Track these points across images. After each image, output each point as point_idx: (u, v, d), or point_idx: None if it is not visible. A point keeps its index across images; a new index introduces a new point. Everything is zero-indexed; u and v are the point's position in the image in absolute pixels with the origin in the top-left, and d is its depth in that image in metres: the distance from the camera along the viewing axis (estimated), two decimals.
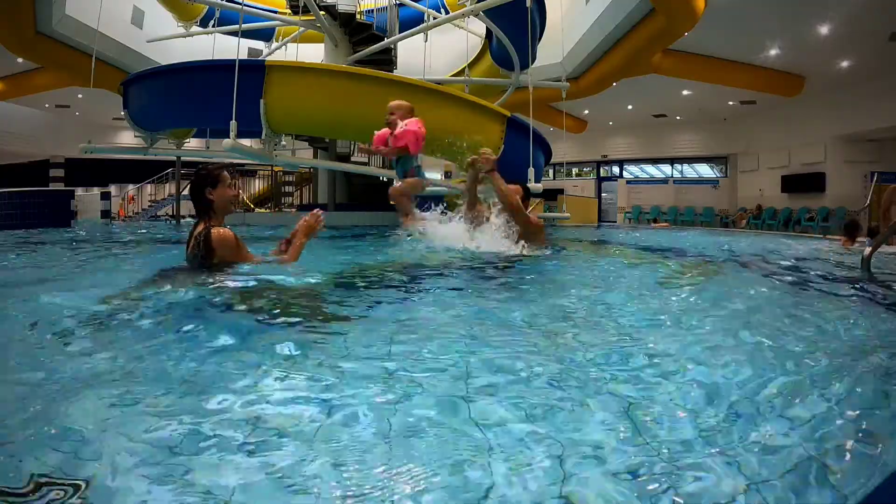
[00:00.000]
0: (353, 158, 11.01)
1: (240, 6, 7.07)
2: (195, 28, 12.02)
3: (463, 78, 10.82)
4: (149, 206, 18.80)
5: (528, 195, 3.71)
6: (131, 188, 19.80)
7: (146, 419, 1.00)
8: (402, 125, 3.91)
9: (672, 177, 21.02)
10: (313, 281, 2.42)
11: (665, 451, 0.89)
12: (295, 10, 10.09)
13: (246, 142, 7.98)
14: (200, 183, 2.53)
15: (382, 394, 1.11)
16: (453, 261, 3.11)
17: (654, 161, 21.41)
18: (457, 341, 1.47)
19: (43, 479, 0.81)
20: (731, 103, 16.06)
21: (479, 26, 11.13)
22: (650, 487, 0.79)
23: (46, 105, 17.76)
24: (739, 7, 10.04)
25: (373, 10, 10.17)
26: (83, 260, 3.93)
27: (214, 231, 2.42)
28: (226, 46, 10.36)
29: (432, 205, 3.89)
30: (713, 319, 1.85)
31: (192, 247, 2.48)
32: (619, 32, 10.91)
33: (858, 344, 1.55)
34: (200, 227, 2.48)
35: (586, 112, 17.78)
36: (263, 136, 6.06)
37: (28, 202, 10.27)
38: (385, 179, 12.29)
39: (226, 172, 2.56)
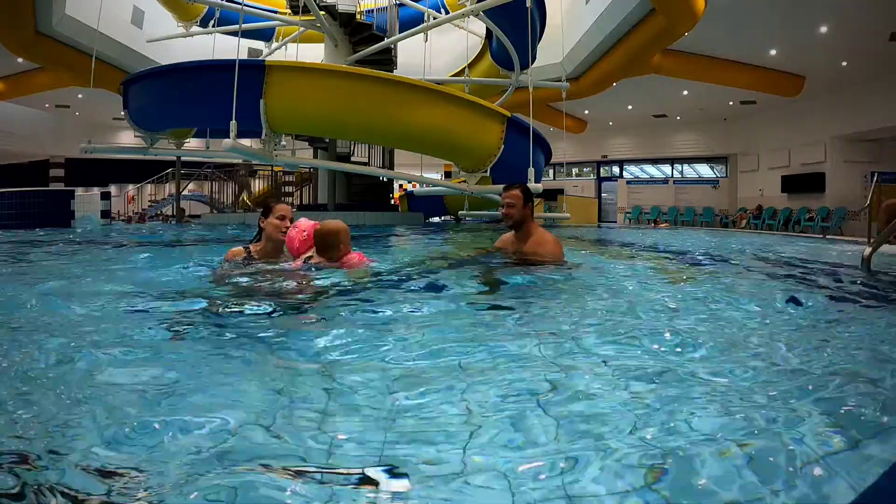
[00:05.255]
0: (353, 158, 11.03)
1: (240, 6, 7.09)
2: (195, 28, 12.02)
3: (463, 78, 10.83)
4: (149, 206, 18.80)
5: (529, 198, 3.13)
6: (131, 188, 19.80)
7: None
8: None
9: (672, 177, 21.02)
10: None
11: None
12: (295, 10, 10.09)
13: (246, 142, 7.99)
14: None
15: None
16: None
17: (654, 161, 21.41)
18: None
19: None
20: (731, 103, 16.06)
21: (479, 26, 11.12)
22: None
23: (46, 105, 17.76)
24: (739, 7, 10.04)
25: (373, 10, 10.17)
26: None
27: None
28: (226, 46, 10.36)
29: None
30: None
31: None
32: (619, 32, 10.91)
33: None
34: None
35: (586, 112, 17.77)
36: (263, 136, 6.07)
37: (28, 202, 10.27)
38: (384, 179, 12.33)
39: None
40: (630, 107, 17.24)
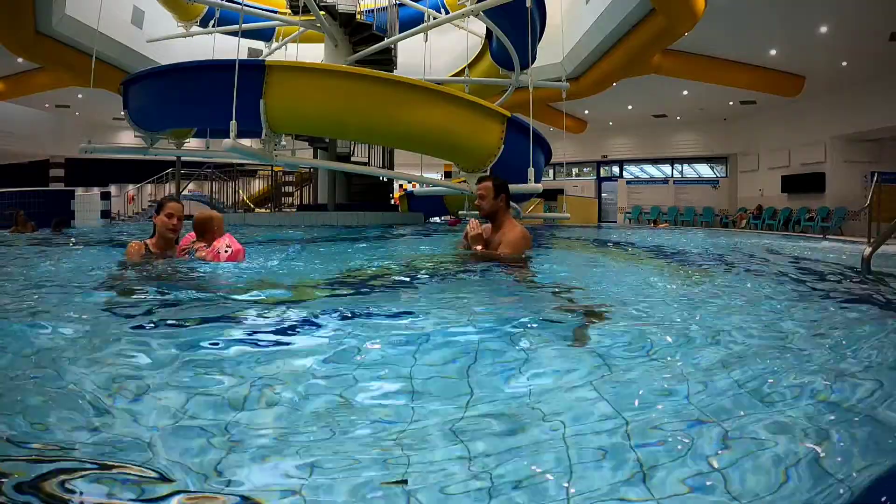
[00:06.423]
0: (353, 158, 11.01)
1: (240, 6, 7.08)
2: (195, 28, 12.01)
3: (463, 78, 10.81)
4: (148, 206, 18.78)
5: (501, 190, 3.19)
6: (131, 188, 19.79)
7: None
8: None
9: (672, 177, 21.03)
10: None
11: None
12: (295, 10, 10.08)
13: (246, 142, 7.98)
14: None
15: None
16: None
17: (654, 161, 21.41)
18: None
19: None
20: (731, 103, 16.06)
21: (479, 26, 11.12)
22: None
23: (46, 105, 17.76)
24: (739, 7, 10.04)
25: (373, 10, 10.16)
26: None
27: None
28: (226, 46, 10.35)
29: None
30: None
31: None
32: (619, 32, 10.91)
33: None
34: None
35: (586, 112, 17.78)
36: (263, 136, 6.06)
37: (28, 202, 10.30)
38: (384, 179, 12.32)
39: None
40: (630, 107, 17.24)
